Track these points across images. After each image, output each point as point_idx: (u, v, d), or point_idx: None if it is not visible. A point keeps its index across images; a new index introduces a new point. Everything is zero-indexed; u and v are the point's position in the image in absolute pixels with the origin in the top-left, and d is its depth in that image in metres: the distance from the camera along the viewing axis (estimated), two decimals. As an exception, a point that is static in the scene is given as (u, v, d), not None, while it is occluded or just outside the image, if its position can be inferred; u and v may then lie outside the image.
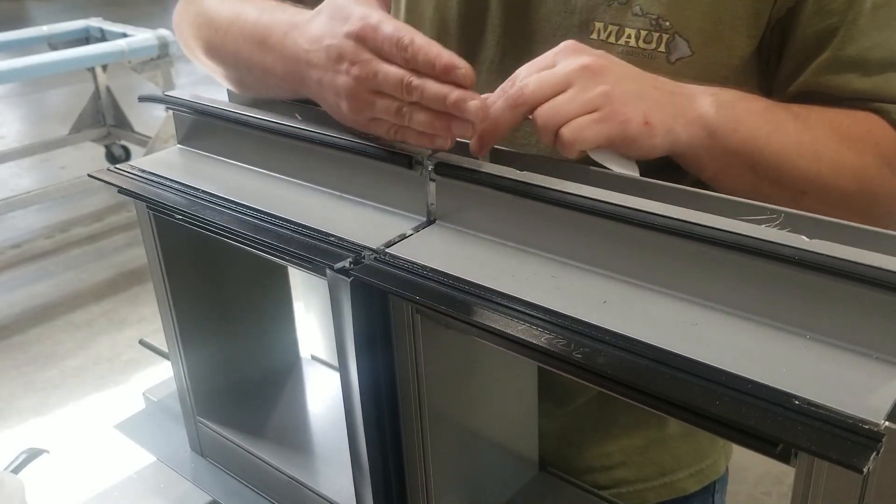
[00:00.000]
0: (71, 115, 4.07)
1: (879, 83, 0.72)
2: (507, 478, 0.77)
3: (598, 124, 0.61)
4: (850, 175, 0.70)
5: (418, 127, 0.63)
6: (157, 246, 0.78)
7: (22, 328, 2.95)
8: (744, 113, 0.67)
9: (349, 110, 0.65)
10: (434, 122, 0.62)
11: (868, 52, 0.71)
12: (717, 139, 0.66)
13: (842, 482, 0.41)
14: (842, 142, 0.71)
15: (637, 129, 0.62)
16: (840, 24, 0.71)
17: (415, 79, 0.61)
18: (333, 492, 0.75)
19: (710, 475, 0.93)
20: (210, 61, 0.82)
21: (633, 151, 0.63)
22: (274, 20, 0.71)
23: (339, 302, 0.59)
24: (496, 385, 0.71)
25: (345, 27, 0.63)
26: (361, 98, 0.64)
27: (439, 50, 0.60)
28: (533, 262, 0.58)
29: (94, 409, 2.52)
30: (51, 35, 3.77)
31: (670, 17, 0.71)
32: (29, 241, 3.59)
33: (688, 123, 0.65)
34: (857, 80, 0.72)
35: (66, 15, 4.31)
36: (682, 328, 0.49)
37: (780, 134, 0.68)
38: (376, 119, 0.64)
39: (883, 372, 0.44)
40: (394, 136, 0.64)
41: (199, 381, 0.85)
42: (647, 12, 0.72)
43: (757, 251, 0.48)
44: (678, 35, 0.72)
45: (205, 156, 0.80)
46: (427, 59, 0.60)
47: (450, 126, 0.62)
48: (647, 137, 0.62)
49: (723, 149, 0.66)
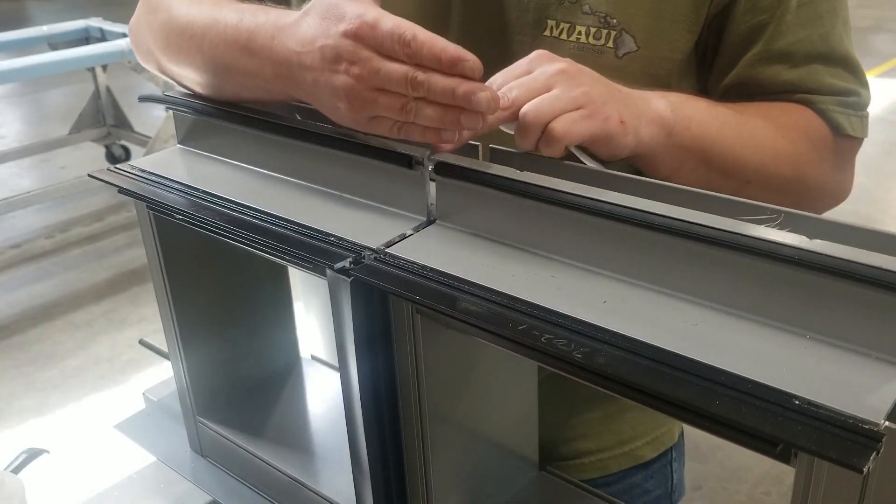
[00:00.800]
0: (71, 115, 4.07)
1: (804, 75, 0.78)
2: (507, 478, 0.77)
3: (585, 120, 0.63)
4: (787, 162, 0.77)
5: (426, 122, 0.62)
6: (157, 246, 0.78)
7: (22, 328, 2.95)
8: (693, 111, 0.72)
9: (349, 110, 0.64)
10: (443, 115, 0.62)
11: (794, 46, 0.78)
12: (673, 137, 0.70)
13: (842, 482, 0.41)
14: (777, 131, 0.77)
15: (615, 127, 0.65)
16: (770, 21, 0.77)
17: (420, 73, 0.61)
18: (333, 492, 0.75)
19: (666, 441, 0.98)
20: (180, 69, 0.80)
21: (609, 149, 0.66)
22: (257, 23, 0.69)
23: (339, 302, 0.59)
24: (496, 385, 0.71)
25: (340, 26, 0.62)
26: (362, 97, 0.63)
27: (444, 43, 0.60)
28: (533, 262, 0.58)
29: (94, 409, 2.52)
30: (51, 35, 3.78)
31: (617, 15, 0.76)
32: (29, 241, 3.59)
33: (649, 123, 0.68)
34: (785, 72, 0.78)
35: (66, 15, 4.31)
36: (682, 328, 0.49)
37: (727, 129, 0.74)
38: (378, 118, 0.64)
39: (883, 372, 0.44)
40: (397, 133, 0.64)
41: (199, 381, 0.85)
42: (596, 10, 0.76)
43: (757, 251, 0.48)
44: (625, 31, 0.76)
45: (205, 156, 0.80)
46: (432, 53, 0.60)
47: (459, 119, 0.62)
48: (622, 136, 0.65)
49: (679, 146, 0.71)
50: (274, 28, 0.68)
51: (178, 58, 0.79)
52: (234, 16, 0.72)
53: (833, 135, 0.79)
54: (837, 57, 0.79)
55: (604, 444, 0.94)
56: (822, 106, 0.79)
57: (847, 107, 0.79)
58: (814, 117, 0.79)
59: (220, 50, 0.73)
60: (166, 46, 0.80)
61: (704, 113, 0.73)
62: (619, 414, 0.93)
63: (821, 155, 0.79)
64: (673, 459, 1.00)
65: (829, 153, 0.80)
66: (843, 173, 0.84)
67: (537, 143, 0.63)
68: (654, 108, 0.69)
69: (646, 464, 0.97)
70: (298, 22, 0.66)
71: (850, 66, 0.80)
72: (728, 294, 0.50)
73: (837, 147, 0.80)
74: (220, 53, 0.73)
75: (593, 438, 0.93)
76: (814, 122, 0.79)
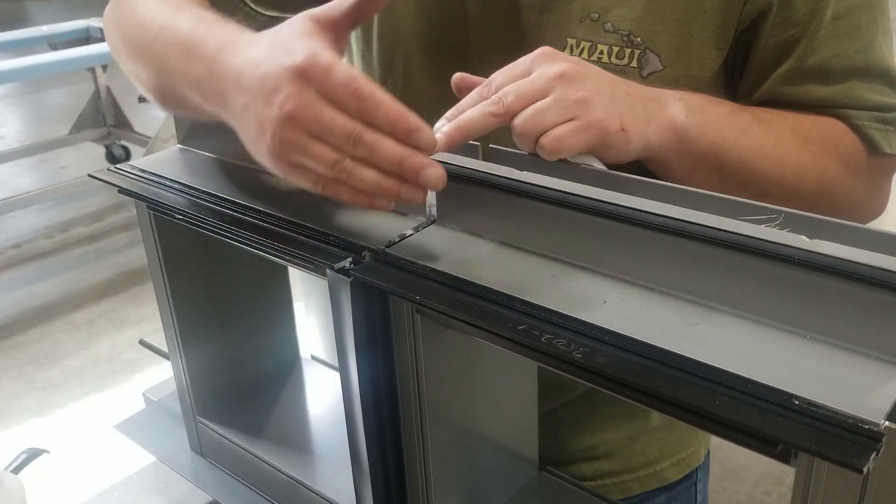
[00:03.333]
0: (71, 115, 4.07)
1: (840, 91, 0.74)
2: (507, 478, 0.77)
3: (578, 134, 0.61)
4: (811, 177, 0.72)
5: (359, 185, 0.57)
6: (157, 246, 0.78)
7: (22, 328, 2.95)
8: (712, 117, 0.69)
9: (271, 149, 0.58)
10: (381, 183, 0.56)
11: (829, 62, 0.73)
12: (686, 143, 0.67)
13: (842, 482, 0.41)
14: (804, 145, 0.72)
15: (614, 135, 0.62)
16: (802, 35, 0.72)
17: (368, 133, 0.55)
18: (333, 492, 0.75)
19: (692, 462, 0.96)
20: (134, 67, 0.75)
21: (610, 156, 0.64)
22: (210, 34, 0.64)
23: (339, 302, 0.59)
24: (496, 385, 0.71)
25: (289, 59, 0.56)
26: (291, 139, 0.56)
27: (403, 109, 0.56)
28: (533, 262, 0.58)
29: (94, 409, 2.52)
30: (51, 35, 3.78)
31: (641, 33, 0.72)
32: (29, 241, 3.59)
33: (659, 128, 0.66)
34: (819, 90, 0.74)
35: (66, 15, 4.31)
36: (682, 328, 0.49)
37: (746, 137, 0.70)
38: (301, 167, 0.58)
39: (883, 372, 0.44)
40: (321, 189, 0.58)
41: (199, 381, 0.85)
42: (619, 28, 0.73)
43: (757, 251, 0.48)
44: (649, 50, 0.73)
45: (205, 156, 0.80)
46: (388, 115, 0.55)
47: (399, 190, 0.57)
48: (623, 143, 0.63)
49: (691, 152, 0.68)
50: (223, 42, 0.63)
51: (132, 54, 0.76)
52: (191, 22, 0.67)
53: (868, 152, 0.75)
54: (877, 71, 0.74)
55: (628, 466, 0.92)
56: (858, 122, 0.74)
57: (886, 123, 0.75)
58: (847, 132, 0.74)
59: (169, 52, 0.68)
60: (123, 40, 0.77)
61: (725, 120, 0.70)
62: (644, 436, 0.91)
63: (851, 171, 0.75)
64: (698, 480, 0.98)
65: (861, 170, 0.75)
66: (877, 192, 0.79)
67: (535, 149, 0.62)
68: (667, 113, 0.67)
69: (670, 485, 0.94)
70: (250, 43, 0.61)
71: (891, 80, 0.75)
72: (728, 294, 0.50)
73: (872, 164, 0.76)
74: (168, 56, 0.68)
75: (617, 459, 0.91)
76: (847, 137, 0.74)
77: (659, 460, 0.93)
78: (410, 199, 0.58)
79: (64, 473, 2.00)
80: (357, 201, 0.58)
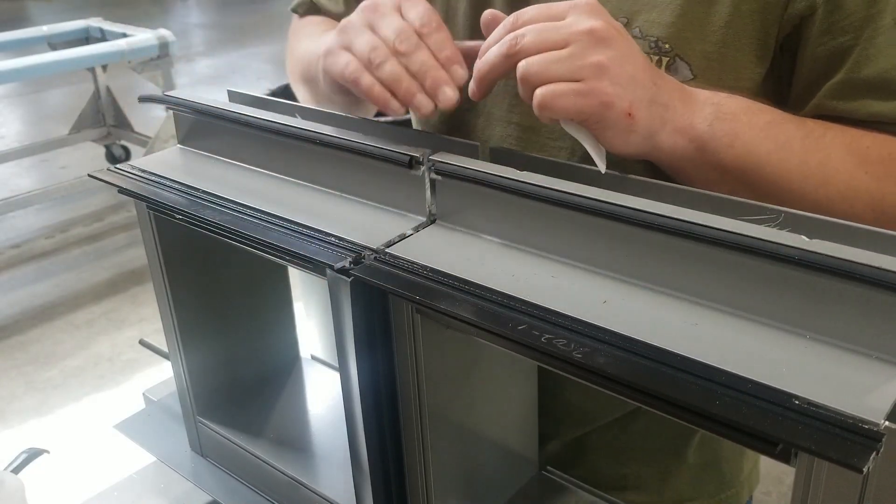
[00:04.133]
0: (71, 115, 4.07)
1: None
2: (507, 478, 0.77)
3: (576, 97, 0.57)
4: (865, 201, 0.64)
5: (384, 75, 0.61)
6: (157, 246, 0.78)
7: (22, 328, 2.95)
8: (745, 127, 0.62)
9: (337, 33, 0.65)
10: (404, 79, 0.61)
11: (889, 73, 0.65)
12: (706, 153, 0.62)
13: (842, 482, 0.41)
14: (859, 165, 0.65)
15: (616, 116, 0.58)
16: (854, 44, 0.65)
17: (415, 37, 0.60)
18: (333, 492, 0.75)
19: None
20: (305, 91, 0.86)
21: (606, 139, 0.60)
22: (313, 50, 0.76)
23: (339, 302, 0.59)
24: (496, 385, 0.70)
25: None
26: (353, 25, 0.63)
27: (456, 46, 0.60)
28: (533, 262, 0.58)
29: (94, 409, 2.52)
30: (51, 35, 3.77)
31: (670, 40, 0.68)
32: (29, 241, 3.59)
33: (675, 132, 0.61)
34: (877, 104, 0.66)
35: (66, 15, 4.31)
36: (682, 328, 0.49)
37: (784, 152, 0.63)
38: (347, 49, 0.64)
39: (883, 372, 0.44)
40: (348, 74, 0.63)
41: (199, 381, 0.85)
42: (647, 35, 0.68)
43: (757, 251, 0.48)
44: (679, 58, 0.68)
45: (205, 156, 0.80)
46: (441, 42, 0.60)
47: (414, 96, 0.61)
48: (625, 129, 0.58)
49: (714, 164, 0.62)
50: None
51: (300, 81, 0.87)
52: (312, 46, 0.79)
53: None
54: None
55: (659, 500, 0.88)
56: None
57: None
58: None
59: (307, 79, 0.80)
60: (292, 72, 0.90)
61: (758, 131, 0.62)
62: (679, 472, 0.87)
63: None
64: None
65: None
66: None
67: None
68: (688, 118, 0.61)
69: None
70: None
71: None
72: (728, 294, 0.50)
73: None
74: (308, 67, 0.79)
75: (646, 492, 0.88)
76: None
77: (692, 499, 0.88)
78: (420, 107, 0.62)
79: (64, 473, 2.00)
80: (374, 93, 0.62)
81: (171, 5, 8.63)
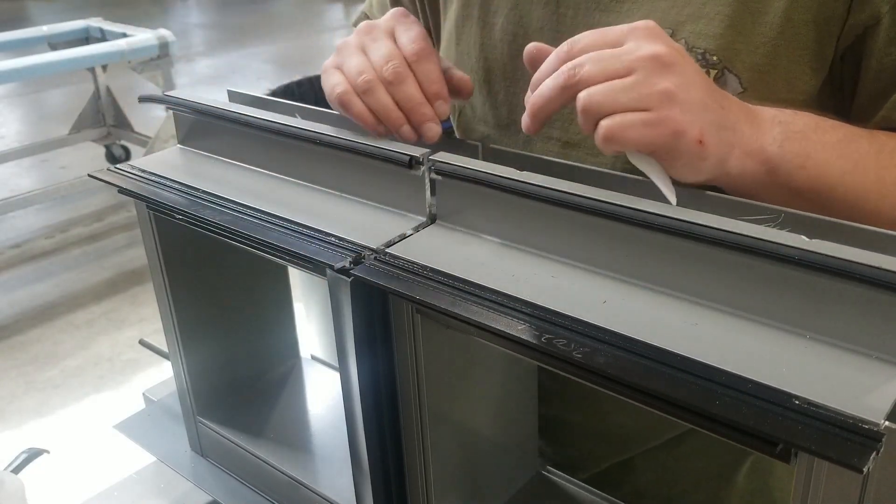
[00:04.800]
0: (71, 115, 4.07)
1: None
2: (507, 478, 0.77)
3: (646, 128, 0.53)
4: None
5: (372, 102, 0.64)
6: (157, 246, 0.78)
7: (22, 328, 2.95)
8: (816, 147, 0.59)
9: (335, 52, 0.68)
10: (391, 110, 0.64)
11: None
12: (778, 176, 0.58)
13: (842, 482, 0.41)
14: None
15: (688, 145, 0.54)
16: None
17: (405, 68, 0.62)
18: (333, 492, 0.75)
19: None
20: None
21: (676, 169, 0.56)
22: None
23: (339, 302, 0.59)
24: (496, 385, 0.71)
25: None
26: (347, 46, 0.67)
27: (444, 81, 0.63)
28: (533, 262, 0.58)
29: (94, 409, 2.52)
30: (51, 35, 3.77)
31: (719, 52, 0.64)
32: (29, 241, 3.59)
33: (745, 155, 0.57)
34: None
35: (66, 15, 4.31)
36: (682, 328, 0.49)
37: (859, 172, 0.60)
38: (339, 69, 0.66)
39: (883, 372, 0.44)
40: (337, 94, 0.66)
41: (199, 381, 0.85)
42: (694, 46, 0.65)
43: (757, 251, 0.48)
44: (728, 70, 0.65)
45: (205, 156, 0.80)
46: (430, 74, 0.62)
47: (401, 128, 0.64)
48: (696, 158, 0.55)
49: (785, 186, 0.58)
50: None
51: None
52: None
53: None
54: None
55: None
56: None
57: None
58: None
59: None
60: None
61: (830, 150, 0.59)
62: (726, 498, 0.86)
63: None
64: None
65: None
66: None
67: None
68: (758, 140, 0.57)
69: None
70: None
71: None
72: (728, 294, 0.50)
73: None
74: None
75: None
76: None
77: None
78: (405, 137, 0.64)
79: (64, 473, 2.00)
80: (362, 117, 0.65)
81: (171, 5, 8.64)
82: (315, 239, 0.62)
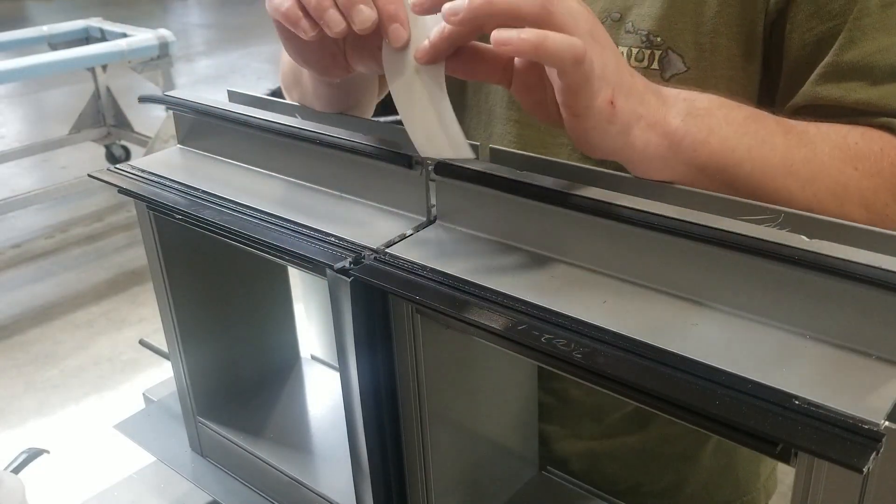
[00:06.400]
0: (71, 115, 4.07)
1: (888, 93, 0.63)
2: (507, 478, 0.77)
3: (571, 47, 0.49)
4: (857, 200, 0.61)
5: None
6: (157, 246, 0.78)
7: (22, 328, 2.95)
8: (720, 122, 0.58)
9: None
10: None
11: (873, 57, 0.63)
12: (681, 151, 0.57)
13: (842, 482, 0.41)
14: (848, 161, 0.61)
15: (600, 105, 0.52)
16: (841, 27, 0.63)
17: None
18: (333, 492, 0.75)
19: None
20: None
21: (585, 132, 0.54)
22: None
23: (339, 302, 0.59)
24: (496, 385, 0.71)
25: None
26: None
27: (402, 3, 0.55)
28: (533, 262, 0.58)
29: (94, 409, 2.52)
30: (51, 35, 3.77)
31: (661, 32, 0.67)
32: (29, 241, 3.59)
33: (648, 127, 0.56)
34: (862, 90, 0.63)
35: (66, 15, 4.31)
36: (682, 328, 0.49)
37: (765, 148, 0.59)
38: None
39: (883, 372, 0.44)
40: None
41: (199, 381, 0.85)
42: (639, 28, 0.67)
43: (757, 251, 0.48)
44: (671, 50, 0.67)
45: (205, 156, 0.80)
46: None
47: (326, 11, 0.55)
48: (605, 120, 0.53)
49: (689, 162, 0.57)
50: None
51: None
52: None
53: None
54: None
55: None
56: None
57: None
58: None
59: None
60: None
61: (738, 126, 0.58)
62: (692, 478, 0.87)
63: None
64: None
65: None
66: None
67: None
68: (661, 112, 0.56)
69: None
70: None
71: None
72: (728, 294, 0.50)
73: None
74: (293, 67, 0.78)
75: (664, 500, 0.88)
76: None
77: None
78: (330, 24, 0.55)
79: (64, 473, 2.00)
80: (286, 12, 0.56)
81: (171, 5, 8.63)
82: (315, 239, 0.62)
